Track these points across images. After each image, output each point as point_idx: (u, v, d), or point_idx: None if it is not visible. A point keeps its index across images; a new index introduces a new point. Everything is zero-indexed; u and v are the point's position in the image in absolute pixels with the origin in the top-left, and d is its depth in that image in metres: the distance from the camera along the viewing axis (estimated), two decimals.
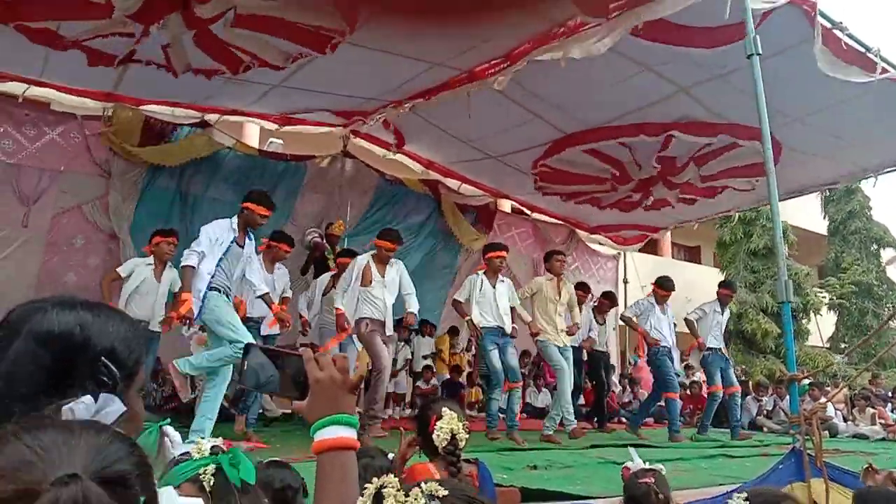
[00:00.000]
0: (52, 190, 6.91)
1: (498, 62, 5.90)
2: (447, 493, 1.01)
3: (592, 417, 8.25)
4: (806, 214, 16.04)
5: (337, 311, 5.88)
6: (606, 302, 8.67)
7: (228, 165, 7.85)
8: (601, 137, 7.34)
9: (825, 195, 18.58)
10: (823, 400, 7.15)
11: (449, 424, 2.11)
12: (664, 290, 7.56)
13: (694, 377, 11.00)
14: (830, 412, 9.35)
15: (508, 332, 6.39)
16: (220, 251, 4.78)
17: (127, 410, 0.81)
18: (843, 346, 18.69)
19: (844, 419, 9.95)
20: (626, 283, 11.12)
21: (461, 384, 9.58)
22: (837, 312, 19.72)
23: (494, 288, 6.39)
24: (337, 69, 6.02)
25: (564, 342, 6.66)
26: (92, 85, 6.69)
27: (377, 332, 5.93)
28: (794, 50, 5.15)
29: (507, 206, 10.75)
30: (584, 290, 8.35)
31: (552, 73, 5.58)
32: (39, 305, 0.86)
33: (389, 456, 2.38)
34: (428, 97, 6.57)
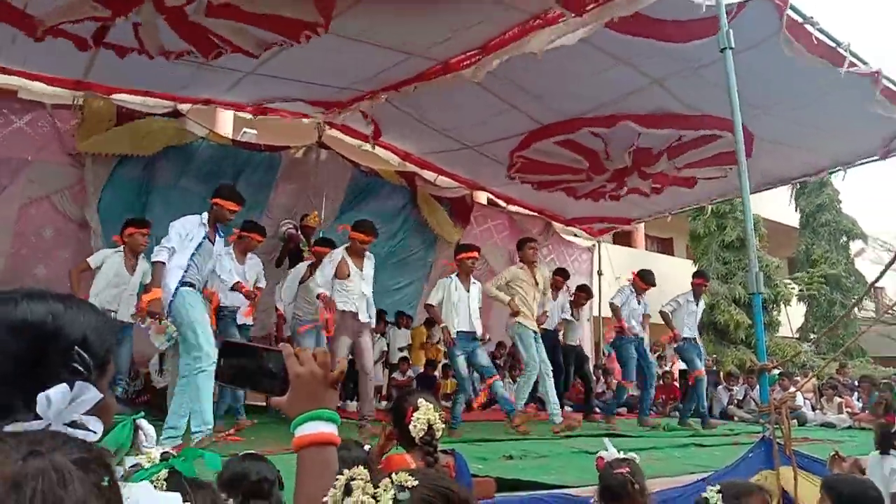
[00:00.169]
0: (19, 180, 6.74)
1: (474, 53, 5.88)
2: (416, 483, 1.00)
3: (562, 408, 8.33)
4: (777, 207, 16.27)
5: (322, 295, 5.74)
6: (583, 295, 8.71)
7: (201, 155, 7.68)
8: (576, 128, 7.36)
9: (796, 188, 18.87)
10: (793, 389, 7.27)
11: (425, 415, 2.12)
12: (645, 283, 7.65)
13: (666, 368, 11.13)
14: (799, 401, 9.54)
15: (479, 336, 6.38)
16: (191, 246, 4.72)
17: (103, 398, 0.81)
18: (812, 336, 19.04)
19: (813, 408, 10.13)
20: (600, 274, 11.20)
21: (435, 378, 9.60)
22: (807, 303, 20.10)
23: (468, 292, 6.36)
24: (312, 57, 5.95)
25: (536, 330, 6.68)
26: (61, 72, 6.55)
27: (345, 330, 5.86)
28: (766, 44, 5.22)
29: (483, 198, 10.77)
30: (562, 275, 8.45)
31: (530, 65, 5.58)
32: (9, 296, 0.84)
33: (366, 448, 2.39)
34: (403, 88, 6.53)
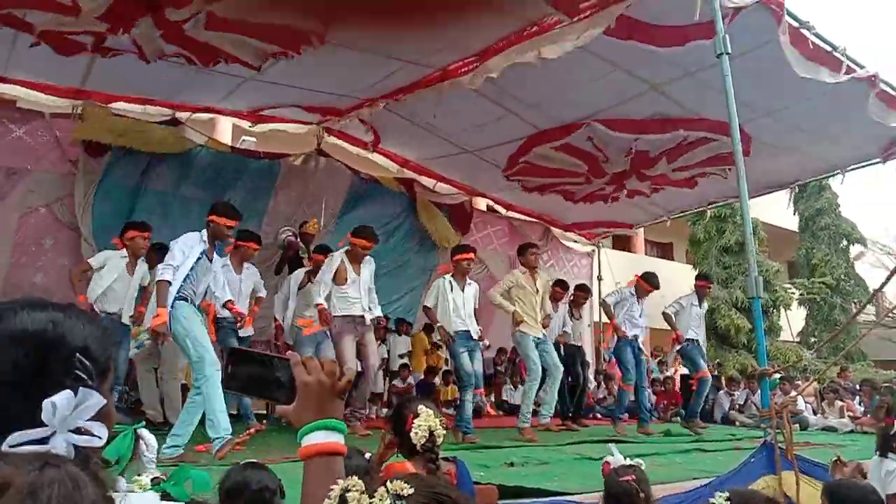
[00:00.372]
0: (18, 189, 6.73)
1: (472, 60, 5.90)
2: (413, 490, 0.99)
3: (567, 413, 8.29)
4: (776, 211, 16.28)
5: (318, 306, 5.90)
6: (582, 294, 8.65)
7: (200, 163, 7.69)
8: (571, 132, 7.38)
9: (795, 192, 18.92)
10: (794, 394, 7.26)
11: (426, 422, 2.11)
12: (650, 285, 7.52)
13: (668, 372, 11.10)
14: (801, 406, 9.51)
15: (475, 336, 6.39)
16: (189, 264, 4.75)
17: (107, 403, 0.81)
18: (812, 340, 19.01)
19: (814, 412, 10.10)
20: (599, 279, 11.18)
21: (435, 384, 9.58)
22: (807, 308, 20.07)
23: (463, 292, 6.38)
24: (311, 65, 5.97)
25: (543, 333, 6.71)
26: (59, 80, 6.56)
27: (349, 333, 5.95)
28: (762, 49, 5.24)
29: (482, 204, 10.78)
30: (561, 287, 8.38)
31: (527, 71, 5.61)
32: (9, 306, 0.84)
33: (367, 455, 2.37)
34: (401, 95, 6.55)
